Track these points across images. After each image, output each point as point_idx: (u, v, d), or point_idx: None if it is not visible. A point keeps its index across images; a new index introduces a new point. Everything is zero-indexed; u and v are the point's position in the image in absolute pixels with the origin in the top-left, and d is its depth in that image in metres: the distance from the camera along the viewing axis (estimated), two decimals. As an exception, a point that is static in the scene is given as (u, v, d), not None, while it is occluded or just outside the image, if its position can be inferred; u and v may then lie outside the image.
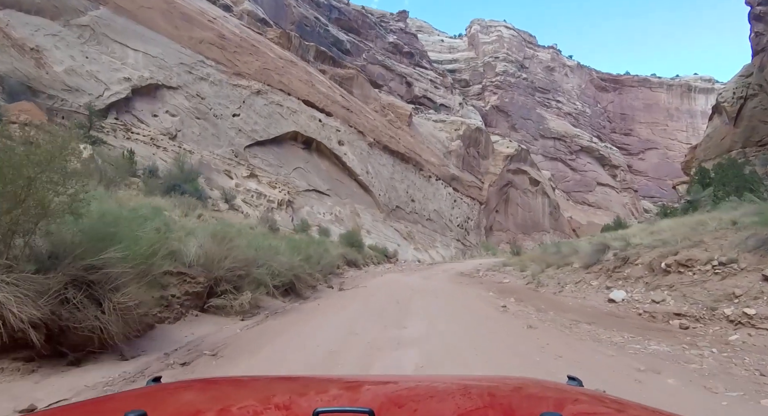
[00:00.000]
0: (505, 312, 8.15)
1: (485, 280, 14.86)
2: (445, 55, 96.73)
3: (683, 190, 45.75)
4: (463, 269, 19.88)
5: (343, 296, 9.69)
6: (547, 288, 11.51)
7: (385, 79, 63.86)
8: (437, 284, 13.16)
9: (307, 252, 11.01)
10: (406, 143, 43.82)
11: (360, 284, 11.86)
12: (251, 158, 27.62)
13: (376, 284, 11.84)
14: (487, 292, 11.30)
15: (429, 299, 9.40)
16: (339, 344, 5.38)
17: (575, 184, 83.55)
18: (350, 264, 16.18)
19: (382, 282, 12.58)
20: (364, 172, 34.61)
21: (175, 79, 27.89)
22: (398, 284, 12.19)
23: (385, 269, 18.69)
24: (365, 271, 16.51)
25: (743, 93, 39.10)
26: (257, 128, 29.42)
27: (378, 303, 8.76)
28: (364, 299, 9.13)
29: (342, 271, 14.10)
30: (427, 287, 11.69)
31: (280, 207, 25.26)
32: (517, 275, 15.07)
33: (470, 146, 55.90)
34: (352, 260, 16.57)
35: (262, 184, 26.30)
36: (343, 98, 39.83)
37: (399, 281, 13.19)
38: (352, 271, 15.54)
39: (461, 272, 18.23)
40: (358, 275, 14.49)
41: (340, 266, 14.27)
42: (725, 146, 38.82)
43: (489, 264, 20.94)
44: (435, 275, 16.07)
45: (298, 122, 32.09)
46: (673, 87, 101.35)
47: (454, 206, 47.02)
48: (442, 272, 18.09)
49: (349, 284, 11.82)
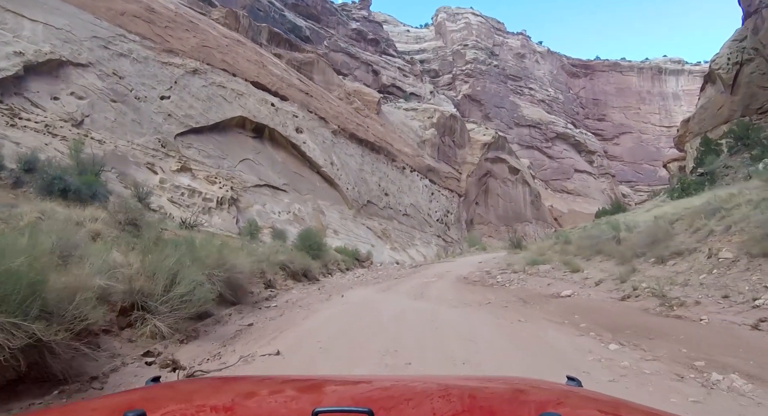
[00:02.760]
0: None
1: (520, 293, 9.15)
2: (412, 46, 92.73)
3: (675, 168, 42.81)
4: (461, 271, 14.81)
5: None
6: (704, 309, 5.90)
7: (350, 67, 59.07)
8: (448, 313, 6.90)
9: (205, 263, 6.27)
10: (376, 132, 39.19)
11: (267, 334, 5.61)
12: (184, 149, 22.46)
13: (308, 332, 5.65)
14: (574, 331, 5.61)
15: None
16: None
17: (553, 172, 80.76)
18: (300, 276, 11.43)
19: (332, 319, 6.61)
20: (328, 163, 29.78)
21: (85, 55, 22.57)
22: (367, 321, 6.28)
23: (352, 280, 13.71)
24: (321, 286, 11.13)
25: (738, 58, 36.18)
26: (193, 112, 24.25)
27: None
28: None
29: (277, 290, 9.20)
30: (437, 331, 5.64)
31: (220, 206, 20.24)
32: (576, 281, 9.72)
33: (445, 135, 51.75)
34: (302, 271, 11.89)
35: (198, 179, 21.21)
36: (301, 82, 34.91)
37: (370, 309, 7.35)
38: (299, 288, 10.34)
39: (463, 276, 13.22)
40: (301, 297, 8.88)
41: (274, 282, 9.45)
42: (723, 115, 35.76)
43: (493, 263, 16.59)
44: (429, 287, 10.73)
45: (246, 106, 27.04)
46: (644, 70, 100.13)
47: (432, 199, 42.66)
48: (437, 279, 12.94)
49: (244, 338, 5.39)
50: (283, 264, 10.74)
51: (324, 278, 13.13)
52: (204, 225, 18.48)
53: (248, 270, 7.84)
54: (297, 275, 11.19)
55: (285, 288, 9.77)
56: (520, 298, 8.32)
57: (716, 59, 36.49)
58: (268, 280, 9.11)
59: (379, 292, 10.01)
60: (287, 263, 10.90)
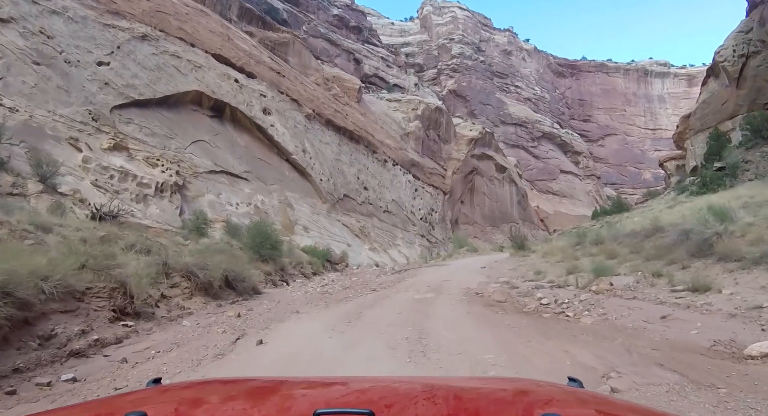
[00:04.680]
0: None
1: (633, 342, 4.83)
2: (396, 39, 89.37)
3: (672, 167, 40.51)
4: (464, 281, 10.89)
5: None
6: None
7: (330, 54, 55.29)
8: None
9: None
10: (356, 121, 35.68)
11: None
12: (122, 124, 18.59)
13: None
14: None
15: None
16: None
17: (539, 172, 78.53)
18: (220, 289, 7.73)
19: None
20: (300, 150, 26.14)
21: (7, 9, 18.64)
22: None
23: (311, 294, 9.72)
24: (246, 309, 7.30)
25: (744, 50, 33.87)
26: (136, 82, 20.37)
27: None
28: None
29: (140, 324, 5.24)
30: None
31: (159, 194, 16.48)
32: (725, 311, 5.53)
33: (430, 129, 48.54)
34: (230, 279, 8.04)
35: (135, 160, 17.40)
36: (272, 61, 31.17)
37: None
38: (199, 315, 6.55)
39: (473, 290, 9.36)
40: (165, 346, 4.93)
41: (147, 305, 5.52)
42: (728, 110, 33.36)
43: (504, 269, 13.03)
44: (430, 317, 6.68)
45: (204, 80, 23.22)
46: (630, 72, 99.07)
47: (416, 196, 39.37)
48: (435, 295, 8.98)
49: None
50: (189, 271, 7.11)
51: (271, 290, 9.57)
52: (134, 216, 14.73)
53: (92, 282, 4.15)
54: (210, 289, 7.41)
55: (166, 317, 5.97)
56: (656, 362, 4.04)
57: (721, 51, 34.18)
58: (127, 302, 5.29)
59: (338, 331, 5.71)
60: (195, 270, 7.23)
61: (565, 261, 10.64)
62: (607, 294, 7.66)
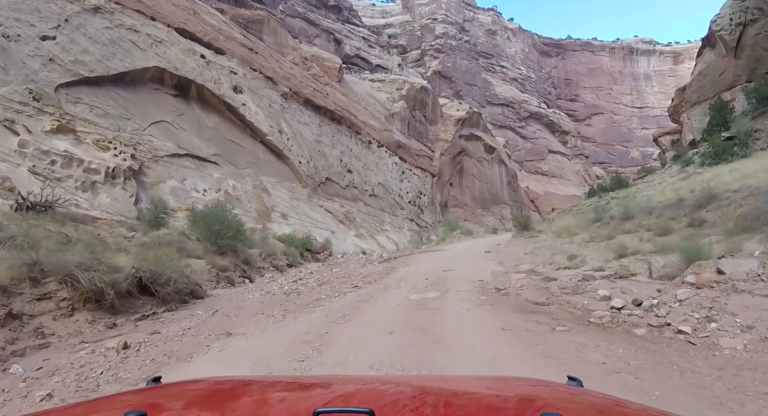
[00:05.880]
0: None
1: None
2: (377, 20, 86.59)
3: (667, 142, 39.27)
4: (471, 271, 8.81)
5: None
6: None
7: (309, 35, 52.75)
8: None
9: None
10: (337, 101, 33.63)
11: None
12: (69, 104, 16.44)
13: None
14: None
15: None
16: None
17: (527, 153, 77.21)
18: (130, 296, 5.75)
19: None
20: (276, 131, 24.11)
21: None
22: None
23: (261, 301, 7.49)
24: (156, 334, 5.17)
25: (741, 19, 32.34)
26: (87, 58, 18.14)
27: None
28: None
29: None
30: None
31: (111, 181, 14.50)
32: None
33: (416, 109, 46.59)
34: (147, 281, 6.00)
35: (84, 144, 15.34)
36: (245, 38, 28.89)
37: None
38: (54, 349, 4.31)
39: (487, 284, 7.41)
40: None
41: None
42: (726, 81, 31.99)
43: (517, 253, 10.89)
44: (444, 338, 4.60)
45: (166, 55, 21.02)
46: (615, 50, 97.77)
47: (403, 179, 37.63)
48: (439, 295, 6.93)
49: None
50: (69, 274, 5.17)
51: (222, 290, 7.79)
52: (80, 206, 12.77)
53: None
54: (104, 300, 5.20)
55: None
56: None
57: (717, 20, 32.67)
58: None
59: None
60: (78, 273, 4.95)
61: (596, 241, 8.83)
62: (720, 288, 5.16)
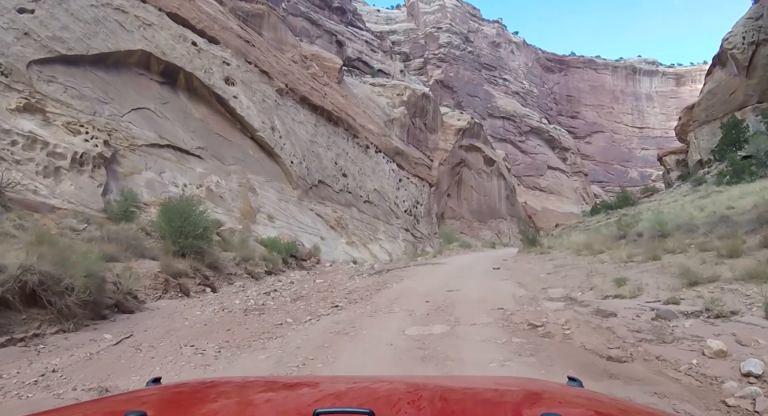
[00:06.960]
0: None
1: None
2: (382, 26, 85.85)
3: (672, 161, 38.28)
4: (490, 295, 7.34)
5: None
6: None
7: (311, 35, 51.66)
8: None
9: None
10: (336, 102, 32.36)
11: None
12: (41, 82, 14.98)
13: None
14: None
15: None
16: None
17: (526, 167, 76.28)
18: None
19: None
20: (267, 127, 22.72)
21: None
22: None
23: (205, 324, 5.84)
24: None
25: (754, 38, 31.53)
26: (66, 35, 16.71)
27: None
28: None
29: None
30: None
31: (77, 167, 13.01)
32: None
33: (416, 116, 45.45)
34: (41, 292, 4.05)
35: (53, 125, 13.86)
36: (242, 29, 27.63)
37: None
38: None
39: (525, 321, 5.59)
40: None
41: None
42: (737, 101, 31.07)
43: (532, 271, 9.18)
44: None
45: (154, 39, 19.64)
46: (618, 69, 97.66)
47: (400, 187, 36.30)
48: (462, 349, 4.58)
49: None
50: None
51: (167, 302, 6.36)
52: (38, 193, 11.28)
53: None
54: None
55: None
56: None
57: (729, 38, 31.90)
58: None
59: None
60: None
61: (637, 261, 7.36)
62: None
